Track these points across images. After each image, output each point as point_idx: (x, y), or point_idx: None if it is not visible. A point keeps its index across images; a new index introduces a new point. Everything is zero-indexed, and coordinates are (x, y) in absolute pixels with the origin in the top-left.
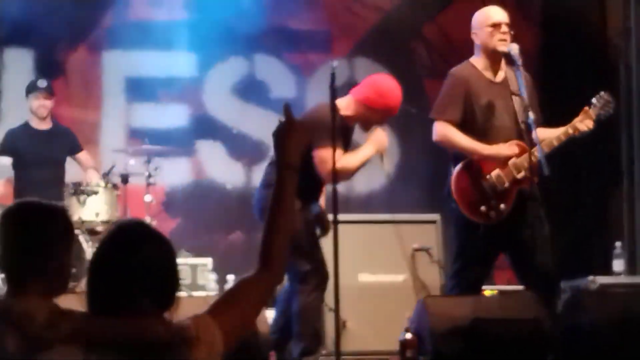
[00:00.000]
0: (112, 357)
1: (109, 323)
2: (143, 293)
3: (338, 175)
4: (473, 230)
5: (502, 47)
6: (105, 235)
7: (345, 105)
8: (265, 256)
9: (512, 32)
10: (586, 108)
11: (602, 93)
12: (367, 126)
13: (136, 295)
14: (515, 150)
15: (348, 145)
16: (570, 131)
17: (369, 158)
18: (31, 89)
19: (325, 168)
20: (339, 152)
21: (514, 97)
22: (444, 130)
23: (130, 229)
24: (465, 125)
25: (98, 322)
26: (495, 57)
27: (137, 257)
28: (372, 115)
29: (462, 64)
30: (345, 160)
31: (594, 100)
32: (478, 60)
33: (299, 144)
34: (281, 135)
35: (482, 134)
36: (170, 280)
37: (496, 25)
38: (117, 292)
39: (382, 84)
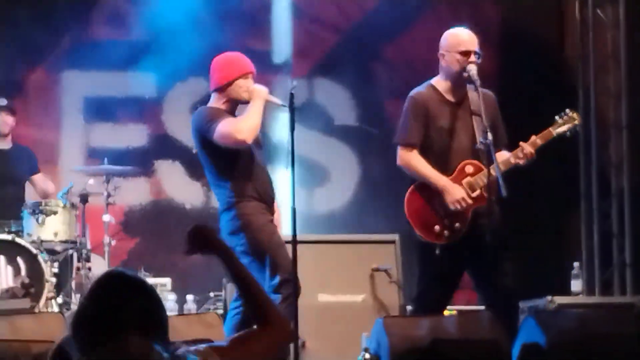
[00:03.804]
0: None
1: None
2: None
3: (242, 132)
4: (431, 251)
5: (464, 72)
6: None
7: (214, 101)
8: (261, 318)
9: (480, 60)
10: (550, 129)
11: (567, 110)
12: (245, 98)
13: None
14: (462, 195)
15: None
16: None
17: (260, 108)
18: None
19: (231, 138)
20: (232, 119)
21: (474, 117)
22: (405, 156)
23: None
24: (424, 147)
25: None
26: (457, 79)
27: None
28: (236, 89)
29: (422, 86)
30: (241, 120)
31: (557, 117)
32: (439, 82)
33: (208, 234)
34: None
35: (440, 155)
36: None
37: (466, 53)
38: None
39: (216, 62)
